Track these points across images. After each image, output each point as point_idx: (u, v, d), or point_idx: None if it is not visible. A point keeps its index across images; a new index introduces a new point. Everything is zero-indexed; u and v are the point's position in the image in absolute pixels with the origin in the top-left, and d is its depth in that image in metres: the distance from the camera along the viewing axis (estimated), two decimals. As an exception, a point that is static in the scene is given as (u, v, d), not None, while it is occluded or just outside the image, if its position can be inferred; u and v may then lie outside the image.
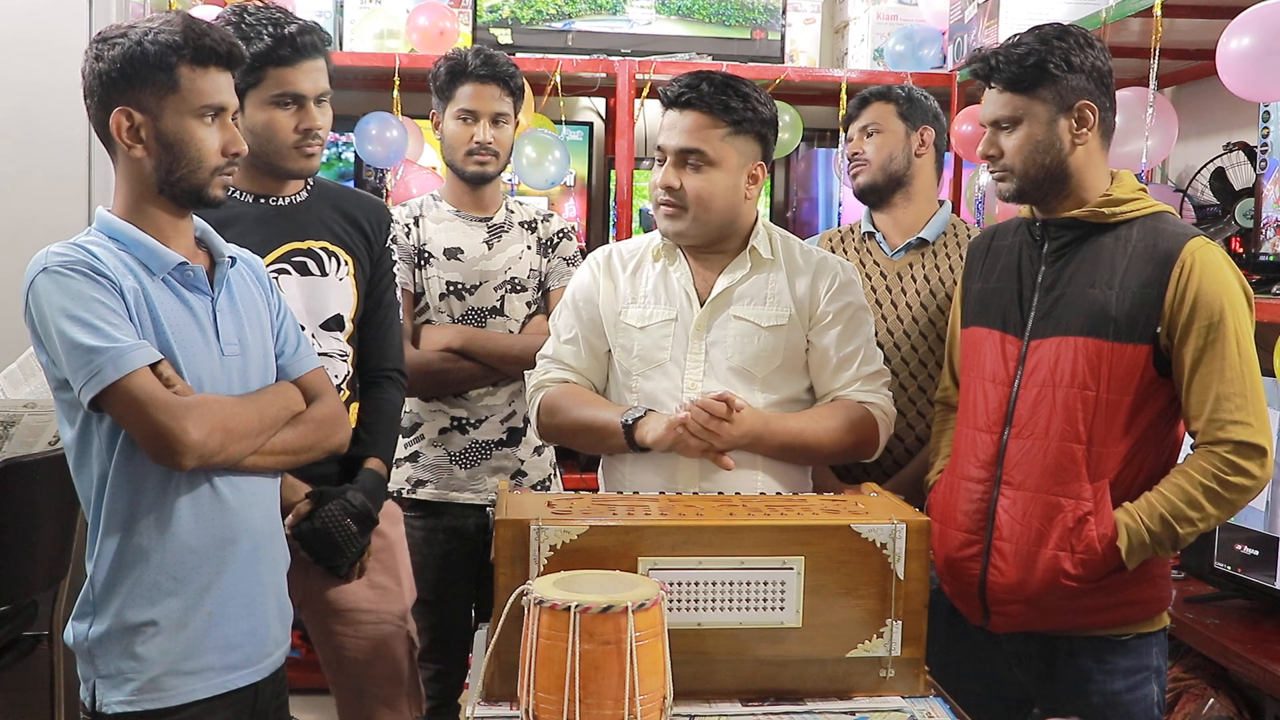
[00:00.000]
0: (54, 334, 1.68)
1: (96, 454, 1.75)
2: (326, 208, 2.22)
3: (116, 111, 1.73)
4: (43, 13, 2.89)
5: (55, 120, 2.90)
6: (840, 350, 2.16)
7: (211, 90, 1.76)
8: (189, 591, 1.77)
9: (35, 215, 2.90)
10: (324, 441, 1.92)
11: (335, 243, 2.20)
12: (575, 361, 2.21)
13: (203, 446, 1.70)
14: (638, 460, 2.12)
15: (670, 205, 2.11)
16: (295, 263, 2.16)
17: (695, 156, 2.09)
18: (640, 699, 1.43)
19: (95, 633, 1.76)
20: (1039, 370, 1.93)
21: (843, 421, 2.12)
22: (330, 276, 2.19)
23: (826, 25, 4.17)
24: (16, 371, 2.71)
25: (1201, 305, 1.83)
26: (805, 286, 2.17)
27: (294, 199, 2.20)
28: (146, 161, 1.75)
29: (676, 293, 2.16)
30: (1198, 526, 1.85)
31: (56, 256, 1.70)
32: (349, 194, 2.33)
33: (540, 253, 2.76)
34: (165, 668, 1.76)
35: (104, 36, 1.75)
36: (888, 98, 2.61)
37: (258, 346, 1.87)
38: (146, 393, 1.67)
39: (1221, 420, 1.83)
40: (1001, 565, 1.94)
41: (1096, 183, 1.95)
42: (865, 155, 2.60)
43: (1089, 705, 1.93)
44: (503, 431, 2.71)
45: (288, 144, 2.12)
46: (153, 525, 1.75)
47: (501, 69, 2.66)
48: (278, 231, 2.15)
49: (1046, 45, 1.90)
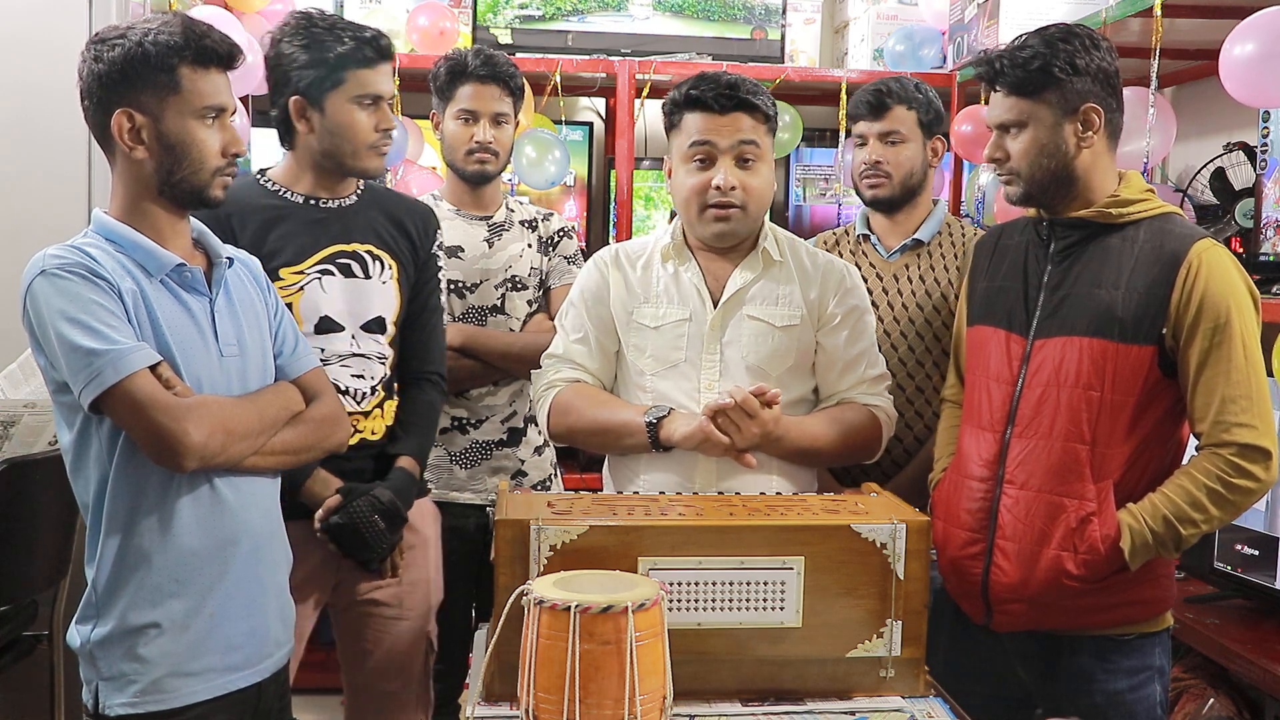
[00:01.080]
0: (53, 337, 1.68)
1: (96, 457, 1.75)
2: (374, 211, 2.25)
3: (118, 113, 1.73)
4: (43, 13, 2.89)
5: (55, 120, 2.89)
6: (848, 352, 2.17)
7: (212, 91, 1.76)
8: (191, 593, 1.77)
9: (35, 215, 2.90)
10: (323, 441, 1.92)
11: (380, 246, 2.23)
12: (586, 360, 2.19)
13: (204, 448, 1.70)
14: (654, 459, 2.10)
15: (730, 205, 2.08)
16: (340, 264, 2.18)
17: (751, 150, 2.08)
18: (640, 699, 1.43)
19: (98, 635, 1.76)
20: (1043, 370, 1.93)
21: (851, 424, 2.14)
22: (374, 279, 2.21)
23: (826, 25, 4.17)
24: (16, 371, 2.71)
25: (1207, 307, 1.83)
26: (814, 288, 2.17)
27: (343, 202, 2.23)
28: (147, 163, 1.75)
29: (689, 293, 2.15)
30: (1201, 528, 1.85)
31: (54, 259, 1.70)
32: (397, 198, 2.37)
33: (541, 251, 2.76)
34: (168, 669, 1.76)
35: (102, 38, 1.74)
36: (910, 103, 2.52)
37: (256, 347, 1.87)
38: (147, 394, 1.67)
39: (1227, 423, 1.83)
40: (1004, 565, 1.94)
41: (1104, 184, 1.94)
42: (887, 167, 2.52)
43: (1091, 705, 1.92)
44: (503, 431, 2.71)
45: (366, 143, 2.16)
46: (154, 527, 1.74)
47: (502, 69, 2.66)
48: (324, 233, 2.18)
49: (1051, 48, 1.89)
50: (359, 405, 2.20)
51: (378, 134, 2.17)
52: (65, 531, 2.74)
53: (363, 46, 2.14)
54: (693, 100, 2.09)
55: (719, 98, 2.07)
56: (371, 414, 2.21)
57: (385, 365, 2.24)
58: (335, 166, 2.19)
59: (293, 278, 2.15)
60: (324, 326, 2.17)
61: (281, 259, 2.14)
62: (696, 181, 2.09)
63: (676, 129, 2.13)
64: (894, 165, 2.52)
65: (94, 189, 2.92)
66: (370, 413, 2.21)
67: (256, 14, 3.44)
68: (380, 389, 2.23)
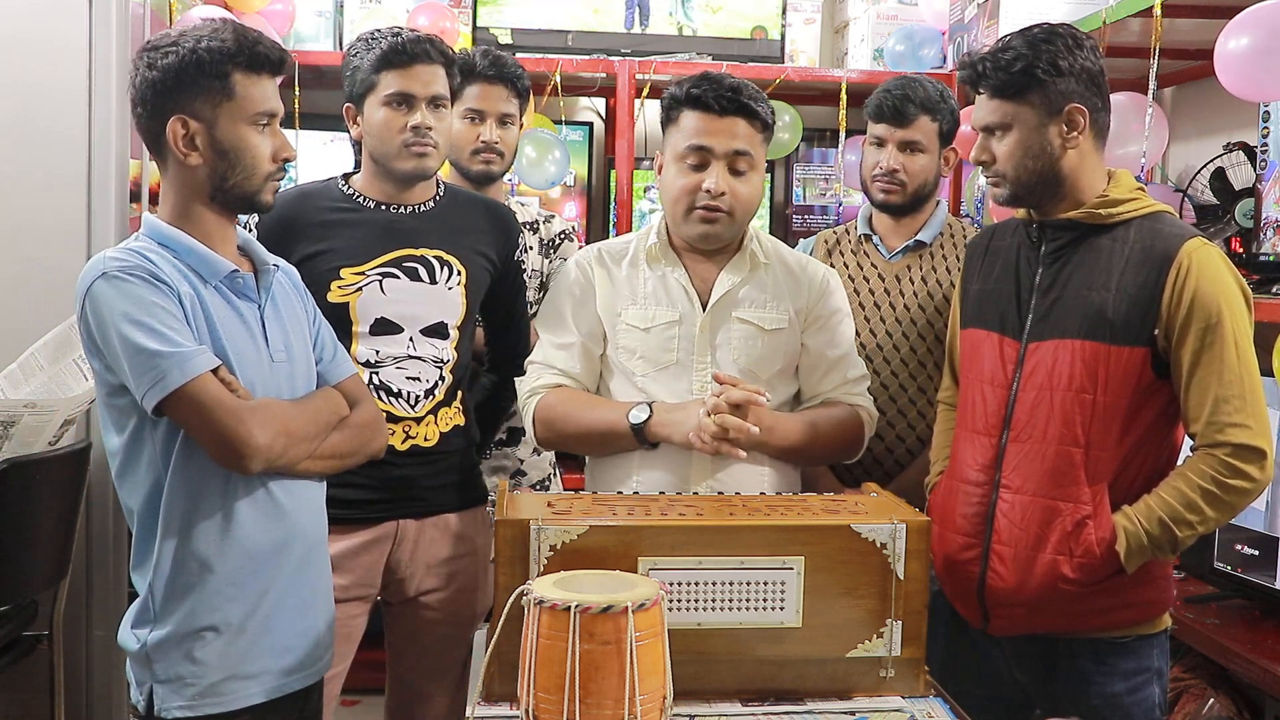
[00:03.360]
0: (115, 339, 1.68)
1: (149, 461, 1.75)
2: (452, 217, 2.27)
3: (173, 120, 1.74)
4: (43, 13, 2.89)
5: (55, 120, 2.89)
6: (831, 354, 2.19)
7: (264, 97, 1.78)
8: (247, 596, 1.78)
9: (35, 215, 2.90)
10: (366, 446, 1.93)
11: (450, 251, 2.23)
12: (568, 365, 2.18)
13: (269, 450, 1.72)
14: (646, 459, 2.10)
15: (716, 210, 2.08)
16: (406, 268, 2.19)
17: (745, 161, 2.09)
18: (640, 699, 1.43)
19: (155, 639, 1.76)
20: (1037, 373, 1.93)
21: (838, 423, 2.16)
22: (439, 285, 2.22)
23: (826, 25, 4.17)
24: (16, 371, 2.71)
25: (1198, 307, 1.82)
26: (799, 291, 2.19)
27: (419, 208, 2.24)
28: (201, 169, 1.76)
29: (677, 294, 2.15)
30: (1196, 530, 1.84)
31: (114, 262, 1.71)
32: (480, 204, 2.38)
33: (542, 253, 2.76)
34: (225, 673, 1.77)
35: (154, 45, 1.76)
36: (935, 113, 2.50)
37: (302, 353, 1.89)
38: (213, 397, 1.68)
39: (1220, 423, 1.82)
40: (1000, 569, 1.93)
41: (1092, 184, 1.94)
42: (903, 176, 2.49)
43: (1089, 707, 1.92)
44: (502, 431, 2.71)
45: (397, 143, 2.17)
46: (213, 531, 1.76)
47: (509, 70, 2.67)
48: (394, 237, 2.19)
49: (1034, 50, 1.88)
50: (412, 409, 2.19)
51: (406, 133, 2.16)
52: (65, 531, 2.74)
53: (393, 50, 2.16)
54: (693, 99, 2.09)
55: (720, 99, 2.07)
56: (424, 420, 2.20)
57: (443, 369, 2.22)
58: (384, 172, 2.21)
59: (353, 278, 2.16)
60: (380, 328, 2.17)
61: (344, 259, 2.15)
62: (687, 182, 2.09)
63: (674, 125, 2.13)
64: (910, 174, 2.50)
65: (94, 189, 2.92)
66: (423, 419, 2.20)
67: (256, 14, 3.44)
68: (438, 394, 2.22)
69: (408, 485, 2.19)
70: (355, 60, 2.21)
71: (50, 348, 2.72)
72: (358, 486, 2.11)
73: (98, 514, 2.93)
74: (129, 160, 2.95)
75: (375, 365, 2.16)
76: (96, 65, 2.88)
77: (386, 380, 2.16)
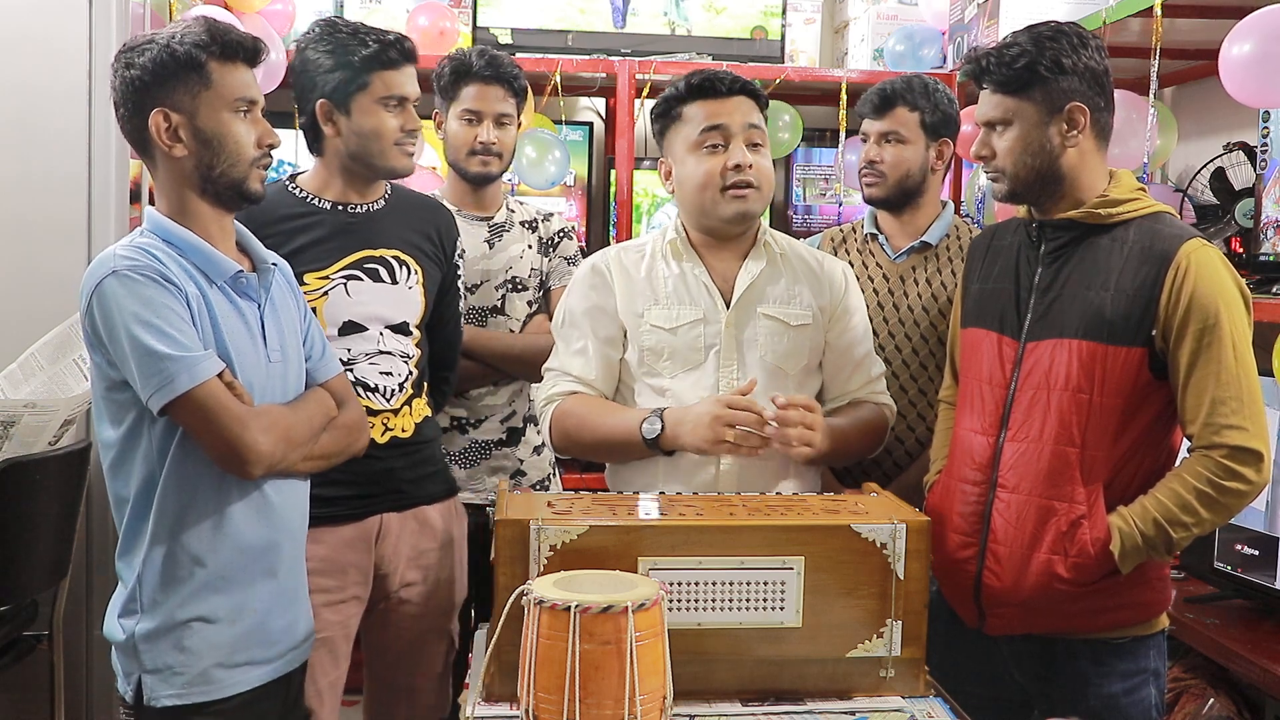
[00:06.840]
0: (123, 338, 1.69)
1: (144, 455, 1.77)
2: (402, 216, 2.29)
3: (154, 114, 1.76)
4: (43, 13, 2.88)
5: (55, 120, 2.89)
6: (857, 352, 2.20)
7: (242, 84, 1.80)
8: (238, 589, 1.81)
9: (35, 215, 2.90)
10: (352, 446, 1.97)
11: (407, 251, 2.26)
12: (585, 371, 2.16)
13: (271, 456, 1.76)
14: (671, 472, 2.08)
15: (747, 184, 2.09)
16: (367, 269, 2.22)
17: (759, 135, 2.12)
18: (640, 699, 1.44)
19: (142, 630, 1.78)
20: (1035, 373, 1.93)
21: (869, 426, 2.18)
22: (400, 285, 2.25)
23: (826, 25, 4.16)
24: (16, 371, 2.71)
25: (1196, 308, 1.82)
26: (820, 287, 2.19)
27: (370, 207, 2.26)
28: (187, 160, 1.78)
29: (697, 292, 2.14)
30: (1192, 531, 1.84)
31: (124, 260, 1.72)
32: (422, 202, 2.40)
33: (541, 252, 2.76)
34: (214, 661, 1.80)
35: (130, 46, 1.78)
36: (914, 105, 2.51)
37: (295, 353, 1.91)
38: (219, 403, 1.70)
39: (1217, 424, 1.82)
40: (996, 569, 1.93)
41: (1093, 183, 1.94)
42: (882, 166, 2.52)
43: (1087, 708, 1.92)
44: (502, 431, 2.71)
45: (392, 144, 2.19)
46: (206, 527, 1.78)
47: (506, 70, 2.67)
48: (353, 239, 2.21)
49: (1038, 46, 1.88)
50: (388, 403, 2.22)
51: (401, 134, 2.19)
52: (65, 531, 2.74)
53: (387, 49, 2.17)
54: (696, 88, 2.11)
55: (722, 81, 2.11)
56: (400, 411, 2.24)
57: (410, 364, 2.26)
58: (364, 169, 2.22)
59: (318, 282, 2.17)
60: (349, 329, 2.20)
61: (307, 264, 2.16)
62: (711, 165, 2.09)
63: (679, 122, 2.13)
64: (889, 165, 2.52)
65: (94, 189, 2.92)
66: (399, 410, 2.24)
67: (256, 14, 3.44)
68: (408, 386, 2.26)
69: (389, 478, 2.22)
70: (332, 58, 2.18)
71: (50, 348, 2.72)
72: (341, 483, 2.12)
73: (98, 514, 2.93)
74: (129, 160, 2.94)
75: (349, 363, 2.18)
76: (96, 65, 2.88)
77: (361, 376, 2.19)
